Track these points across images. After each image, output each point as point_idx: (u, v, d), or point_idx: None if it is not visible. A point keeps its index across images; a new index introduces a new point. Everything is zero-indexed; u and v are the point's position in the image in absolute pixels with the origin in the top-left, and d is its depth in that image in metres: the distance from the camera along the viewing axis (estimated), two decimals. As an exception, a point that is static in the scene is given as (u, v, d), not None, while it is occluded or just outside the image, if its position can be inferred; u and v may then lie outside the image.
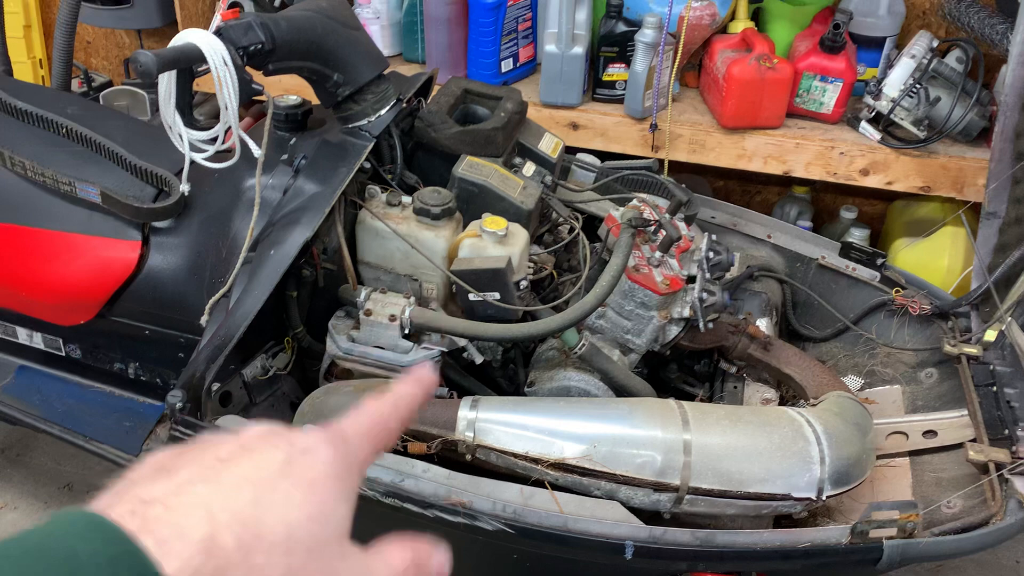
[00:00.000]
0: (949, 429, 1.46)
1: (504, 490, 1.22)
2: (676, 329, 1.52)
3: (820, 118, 2.19)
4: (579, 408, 1.32)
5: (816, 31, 2.18)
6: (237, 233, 1.44)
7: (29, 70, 3.00)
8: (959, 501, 1.31)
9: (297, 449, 0.41)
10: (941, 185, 2.09)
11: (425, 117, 1.59)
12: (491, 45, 2.27)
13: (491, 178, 1.52)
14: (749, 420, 1.29)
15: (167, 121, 1.31)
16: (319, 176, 1.41)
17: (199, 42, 1.19)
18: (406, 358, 1.39)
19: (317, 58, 1.37)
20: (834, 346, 1.78)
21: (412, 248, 1.43)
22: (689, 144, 2.20)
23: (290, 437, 0.42)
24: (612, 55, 2.22)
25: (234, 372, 1.43)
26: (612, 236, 1.50)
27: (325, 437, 0.43)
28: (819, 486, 1.24)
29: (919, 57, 2.02)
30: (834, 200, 2.67)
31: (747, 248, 1.87)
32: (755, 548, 1.18)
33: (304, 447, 0.41)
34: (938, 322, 1.65)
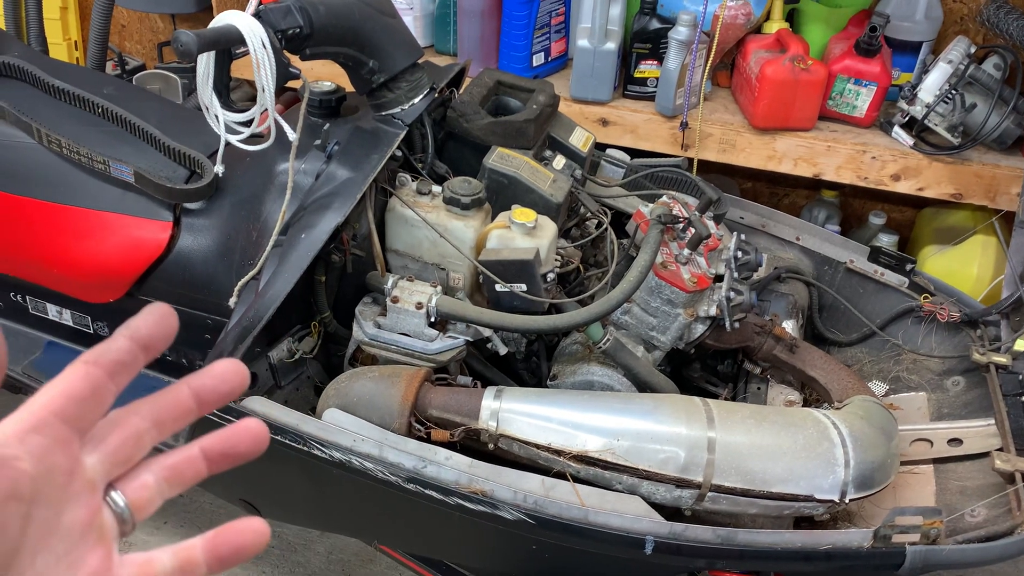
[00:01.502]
0: (975, 438, 1.45)
1: (525, 480, 1.22)
2: (702, 328, 1.51)
3: (853, 121, 2.17)
4: (603, 402, 1.31)
5: (851, 34, 2.17)
6: (268, 216, 1.45)
7: (64, 51, 3.03)
8: (983, 510, 1.30)
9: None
10: (973, 193, 2.07)
11: (457, 107, 1.59)
12: (523, 39, 2.27)
13: (521, 170, 1.52)
14: (774, 420, 1.28)
15: (204, 102, 1.32)
16: (351, 162, 1.42)
17: (239, 24, 1.20)
18: (431, 346, 1.40)
19: (354, 44, 1.38)
20: (859, 351, 1.77)
21: (440, 237, 1.44)
22: (719, 144, 2.19)
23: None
24: (644, 52, 2.21)
25: (261, 354, 1.44)
26: (640, 232, 1.50)
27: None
28: (842, 489, 1.23)
29: (956, 63, 2.00)
30: (863, 205, 2.65)
31: (775, 249, 1.86)
32: (776, 548, 1.17)
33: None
34: (967, 330, 1.63)
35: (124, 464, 0.44)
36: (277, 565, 1.96)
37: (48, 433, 0.41)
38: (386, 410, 1.28)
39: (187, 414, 0.46)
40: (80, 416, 0.42)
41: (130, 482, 0.45)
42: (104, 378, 0.43)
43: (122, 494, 0.44)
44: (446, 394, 1.32)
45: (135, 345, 0.44)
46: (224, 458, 0.47)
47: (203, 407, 0.46)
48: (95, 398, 0.42)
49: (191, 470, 0.47)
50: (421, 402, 1.30)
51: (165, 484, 0.46)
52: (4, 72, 1.72)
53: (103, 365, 0.43)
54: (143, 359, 0.45)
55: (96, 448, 0.43)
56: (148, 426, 0.45)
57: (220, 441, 0.47)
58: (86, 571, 0.41)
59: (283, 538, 2.03)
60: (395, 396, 1.29)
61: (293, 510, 1.63)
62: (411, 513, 1.32)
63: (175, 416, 0.46)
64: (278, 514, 1.67)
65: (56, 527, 0.40)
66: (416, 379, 1.32)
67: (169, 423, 0.46)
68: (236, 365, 0.47)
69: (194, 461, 0.47)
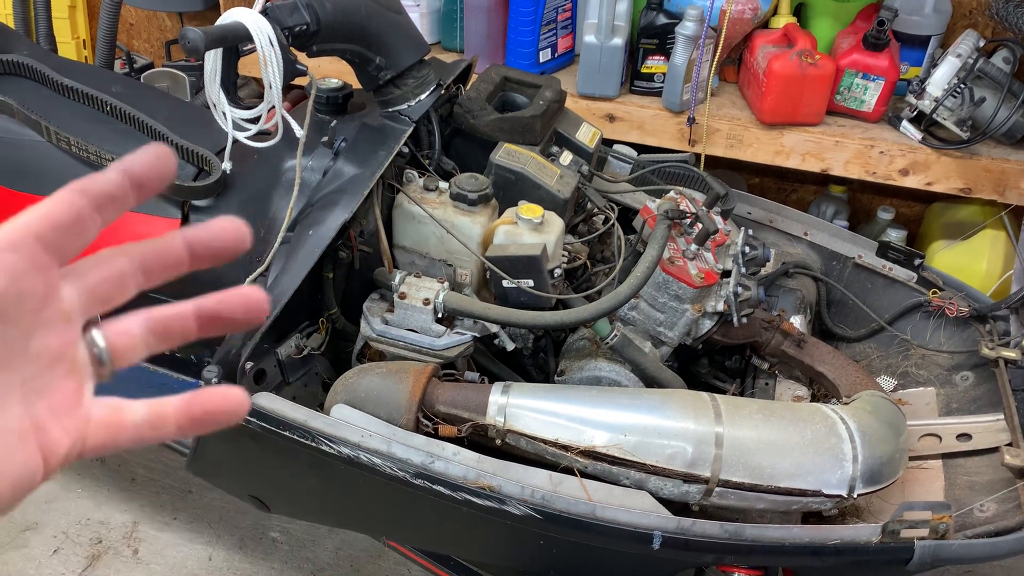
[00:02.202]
0: (984, 433, 1.44)
1: (533, 476, 1.22)
2: (709, 323, 1.51)
3: (861, 116, 2.16)
4: (610, 397, 1.31)
5: (859, 28, 2.16)
6: (276, 213, 1.45)
7: (73, 50, 3.04)
8: (993, 505, 1.29)
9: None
10: (982, 187, 2.06)
11: (464, 103, 1.60)
12: (530, 35, 2.27)
13: (528, 166, 1.52)
14: (782, 415, 1.28)
15: (211, 99, 1.32)
16: (358, 159, 1.42)
17: (246, 21, 1.20)
18: (439, 342, 1.40)
19: (360, 41, 1.38)
20: (868, 346, 1.76)
21: (447, 233, 1.44)
22: (726, 139, 2.19)
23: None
24: (651, 47, 2.21)
25: (269, 350, 1.44)
26: (647, 228, 1.50)
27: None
28: (851, 484, 1.23)
29: (964, 56, 1.99)
30: (871, 200, 2.64)
31: (783, 245, 1.86)
32: (784, 543, 1.17)
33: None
34: (976, 325, 1.62)
35: (104, 303, 0.43)
36: (286, 561, 1.97)
37: (24, 254, 0.39)
38: (394, 406, 1.29)
39: (177, 264, 0.44)
40: (60, 243, 0.40)
41: (115, 325, 0.44)
42: (89, 208, 0.41)
43: (103, 335, 0.43)
44: (453, 390, 1.33)
45: (126, 180, 0.42)
46: (216, 322, 0.45)
47: (195, 261, 0.44)
48: (77, 227, 0.40)
49: (180, 327, 0.45)
50: (428, 398, 1.31)
51: (151, 336, 0.44)
52: (13, 71, 1.73)
53: (90, 195, 0.41)
54: (134, 197, 0.42)
55: (75, 280, 0.42)
56: (134, 269, 0.43)
57: (215, 303, 0.45)
58: (52, 400, 0.41)
59: (292, 534, 2.04)
60: (403, 392, 1.29)
61: (302, 506, 1.63)
62: (419, 509, 1.32)
63: (164, 264, 0.44)
64: (287, 510, 1.68)
65: (22, 349, 0.40)
66: (423, 375, 1.32)
67: (157, 270, 0.44)
68: (235, 223, 0.44)
69: (185, 319, 0.45)
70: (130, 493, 2.13)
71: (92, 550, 1.97)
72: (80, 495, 2.11)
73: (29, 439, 0.40)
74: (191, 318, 0.45)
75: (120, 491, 2.13)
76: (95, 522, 2.04)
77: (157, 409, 0.44)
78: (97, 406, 0.43)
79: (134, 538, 2.01)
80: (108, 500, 2.10)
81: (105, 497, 2.11)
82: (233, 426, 0.47)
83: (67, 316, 0.41)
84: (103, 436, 0.43)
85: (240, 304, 0.45)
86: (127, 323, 0.44)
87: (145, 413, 0.44)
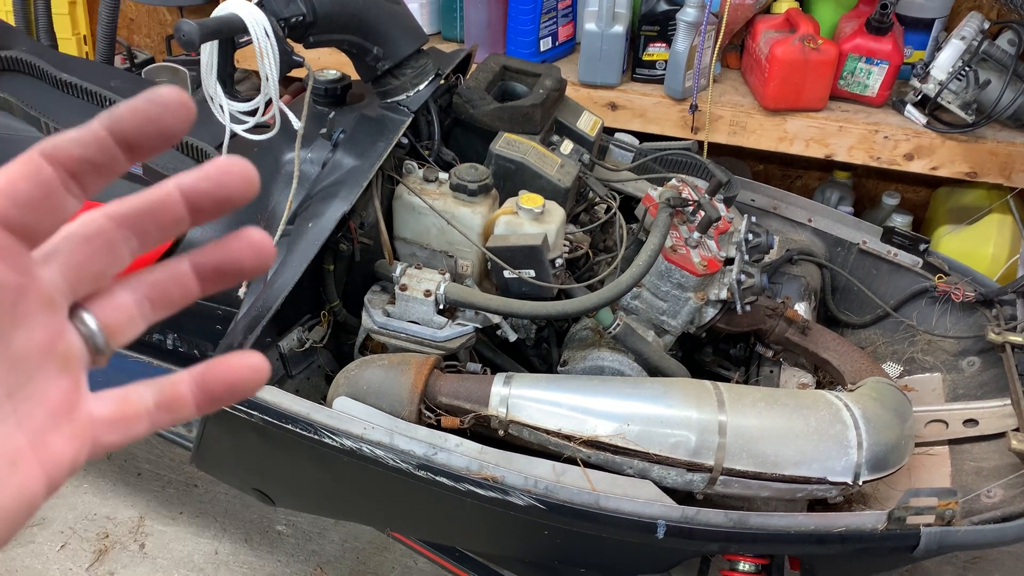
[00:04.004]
0: (991, 418, 1.43)
1: (536, 466, 1.21)
2: (713, 311, 1.50)
3: (864, 101, 2.15)
4: (613, 387, 1.31)
5: (862, 12, 2.14)
6: (276, 206, 1.45)
7: (73, 46, 3.04)
8: (1000, 491, 1.29)
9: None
10: (988, 171, 2.04)
11: (463, 93, 1.59)
12: (530, 23, 2.26)
13: (528, 155, 1.51)
14: (786, 403, 1.27)
15: (208, 92, 1.31)
16: (357, 150, 1.42)
17: (241, 12, 1.20)
18: (441, 333, 1.39)
19: (357, 31, 1.37)
20: (873, 333, 1.75)
21: (448, 224, 1.43)
22: (729, 126, 2.17)
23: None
24: (653, 34, 2.19)
25: (271, 344, 1.44)
26: (649, 216, 1.49)
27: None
28: (856, 471, 1.22)
29: (969, 39, 1.97)
30: (876, 186, 2.62)
31: (787, 231, 1.85)
32: (789, 531, 1.16)
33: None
34: (982, 310, 1.61)
35: (94, 280, 0.37)
36: (292, 554, 1.97)
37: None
38: (396, 398, 1.28)
39: (177, 222, 0.37)
40: (27, 222, 0.33)
41: (103, 302, 0.37)
42: (61, 177, 0.34)
43: (93, 315, 0.37)
44: (456, 381, 1.32)
45: (112, 138, 0.34)
46: (220, 274, 0.39)
47: (197, 214, 0.37)
48: (47, 201, 0.34)
49: (179, 289, 0.39)
50: (431, 389, 1.30)
51: (148, 305, 0.38)
52: (13, 67, 1.73)
53: (61, 160, 0.34)
54: (124, 160, 0.35)
55: (55, 259, 0.35)
56: (125, 234, 0.36)
57: (216, 253, 0.39)
58: (47, 406, 0.35)
59: (297, 527, 2.04)
60: (405, 384, 1.29)
61: (306, 499, 1.63)
62: (422, 500, 1.32)
63: (160, 223, 0.37)
64: (292, 503, 1.68)
65: (4, 355, 0.34)
66: (426, 367, 1.31)
67: (153, 231, 0.37)
68: (239, 162, 0.37)
69: (182, 278, 0.39)
70: (136, 488, 2.13)
71: (99, 545, 1.98)
72: (86, 490, 2.12)
73: (25, 460, 0.34)
74: (190, 276, 0.39)
75: (126, 486, 2.14)
76: (101, 517, 2.05)
77: (169, 390, 0.39)
78: (99, 402, 0.37)
79: (140, 533, 2.01)
80: (114, 495, 2.11)
81: (111, 492, 2.12)
82: (242, 413, 0.43)
83: (50, 303, 0.35)
84: (116, 434, 0.38)
85: (247, 247, 0.39)
86: (118, 297, 0.38)
87: (156, 397, 0.39)
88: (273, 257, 0.39)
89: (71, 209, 0.35)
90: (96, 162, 0.34)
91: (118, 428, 0.38)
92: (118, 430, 0.38)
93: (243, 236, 0.39)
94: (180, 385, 0.39)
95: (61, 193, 0.34)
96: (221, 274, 0.39)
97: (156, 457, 2.22)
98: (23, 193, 0.33)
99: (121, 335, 0.38)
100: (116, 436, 0.38)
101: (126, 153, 0.34)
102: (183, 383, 0.39)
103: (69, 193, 0.34)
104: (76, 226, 0.36)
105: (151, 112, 0.34)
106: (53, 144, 0.34)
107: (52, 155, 0.34)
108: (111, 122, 0.34)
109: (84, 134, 0.34)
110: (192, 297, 0.39)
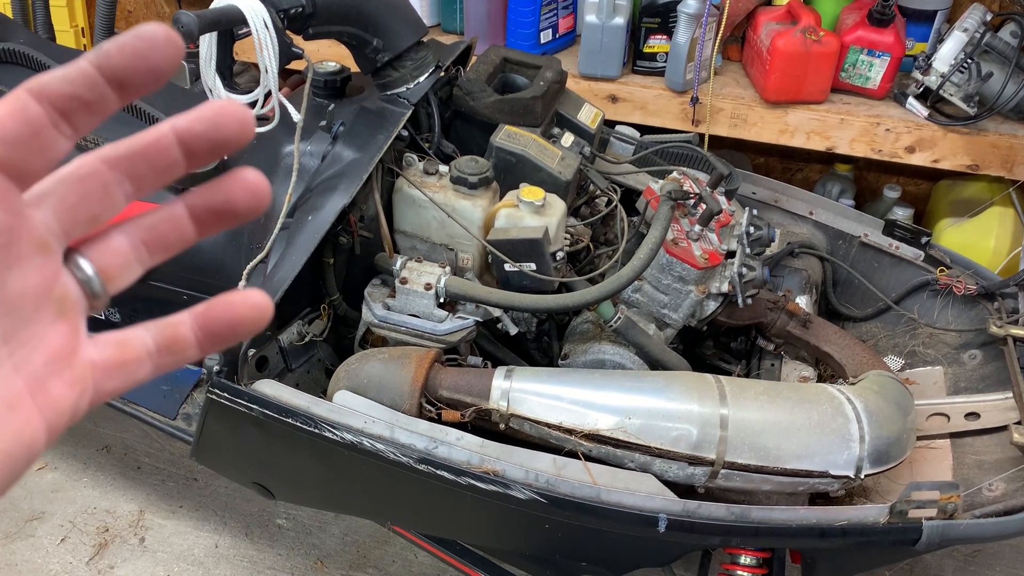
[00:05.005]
0: (993, 411, 1.43)
1: (537, 460, 1.21)
2: (714, 304, 1.50)
3: (866, 93, 2.14)
4: (614, 380, 1.30)
5: (864, 4, 2.13)
6: (275, 199, 1.44)
7: (72, 39, 3.02)
8: (1001, 484, 1.28)
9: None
10: (990, 164, 2.03)
11: (463, 85, 1.58)
12: (531, 15, 2.25)
13: (529, 148, 1.50)
14: (788, 396, 1.27)
15: (207, 84, 1.31)
16: (357, 143, 1.41)
17: (240, 3, 1.19)
18: (441, 327, 1.39)
19: (357, 23, 1.36)
20: (874, 326, 1.75)
21: (448, 217, 1.42)
22: (730, 118, 2.16)
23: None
24: (654, 26, 2.18)
25: (271, 338, 1.43)
26: (651, 209, 1.48)
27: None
28: (858, 464, 1.22)
29: (971, 31, 1.96)
30: (877, 179, 2.62)
31: (788, 224, 1.84)
32: (791, 525, 1.16)
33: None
34: (984, 303, 1.61)
35: (88, 223, 0.36)
36: (292, 547, 1.97)
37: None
38: (396, 391, 1.28)
39: (171, 166, 0.36)
40: (16, 161, 0.33)
41: (98, 246, 0.37)
42: (49, 114, 0.33)
43: (89, 260, 0.36)
44: (456, 375, 1.32)
45: (100, 74, 0.33)
46: (215, 216, 0.38)
47: (192, 158, 0.36)
48: (36, 140, 0.33)
49: (175, 232, 0.38)
50: (431, 383, 1.30)
51: (143, 249, 0.38)
52: (10, 59, 1.72)
53: (48, 97, 0.33)
54: (115, 98, 0.34)
55: (47, 201, 0.34)
56: (119, 176, 0.35)
57: (209, 194, 0.38)
58: (45, 351, 0.35)
59: (298, 520, 2.04)
60: (405, 377, 1.29)
61: (307, 493, 1.63)
62: (423, 494, 1.31)
63: (155, 166, 0.36)
64: (292, 497, 1.68)
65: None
66: (426, 360, 1.31)
67: (148, 176, 0.36)
68: (236, 106, 0.36)
69: (178, 220, 0.38)
70: (136, 482, 2.13)
71: (99, 539, 1.98)
72: (86, 484, 2.12)
73: (23, 404, 0.34)
74: (184, 219, 0.38)
75: (126, 480, 2.13)
76: (101, 511, 2.05)
77: (169, 332, 0.38)
78: (98, 346, 0.37)
79: (140, 526, 2.01)
80: (114, 489, 2.11)
81: (111, 486, 2.11)
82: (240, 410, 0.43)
83: (44, 245, 0.34)
84: (117, 379, 0.37)
85: (242, 188, 0.37)
86: (113, 240, 0.37)
87: (156, 338, 0.38)
88: (269, 198, 0.38)
89: (62, 149, 0.34)
90: (85, 99, 0.33)
91: (119, 373, 0.37)
92: (119, 375, 0.37)
93: (238, 176, 0.37)
94: (181, 327, 0.38)
95: (50, 131, 0.33)
96: (217, 216, 0.38)
97: (156, 451, 2.21)
98: (10, 132, 0.32)
99: (118, 280, 0.38)
100: (117, 382, 0.37)
101: (116, 91, 0.33)
102: (184, 324, 0.38)
103: (59, 132, 0.33)
104: (69, 168, 0.35)
105: (139, 47, 0.33)
106: (40, 82, 0.33)
107: (40, 92, 0.33)
108: (99, 58, 0.33)
109: (71, 71, 0.33)
110: (188, 240, 0.38)
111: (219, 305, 0.38)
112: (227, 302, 0.38)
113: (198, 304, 0.38)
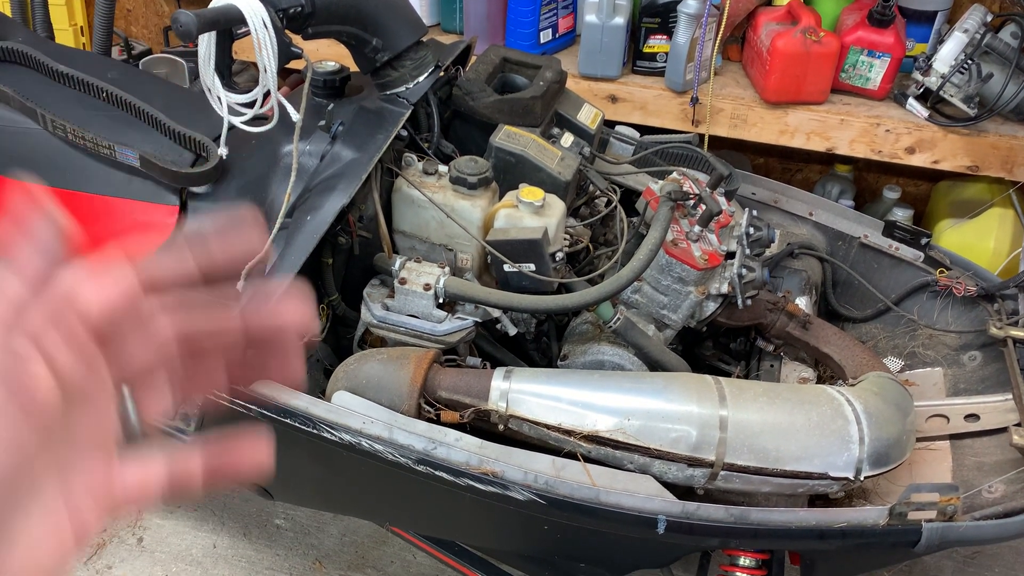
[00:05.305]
0: (992, 413, 1.43)
1: (536, 461, 1.21)
2: (713, 305, 1.50)
3: (866, 94, 2.14)
4: (613, 381, 1.30)
5: (864, 4, 2.13)
6: (274, 199, 1.44)
7: (70, 37, 3.02)
8: (1001, 486, 1.28)
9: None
10: (990, 165, 2.03)
11: (463, 85, 1.57)
12: (530, 15, 2.25)
13: (528, 148, 1.50)
14: (787, 397, 1.26)
15: (206, 83, 1.30)
16: (356, 143, 1.41)
17: (240, 3, 1.18)
18: (440, 327, 1.39)
19: (356, 22, 1.36)
20: (874, 327, 1.75)
21: (448, 217, 1.42)
22: (730, 119, 2.16)
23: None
24: (654, 26, 2.18)
25: (269, 338, 1.43)
26: (650, 210, 1.48)
27: None
28: (857, 466, 1.22)
29: (972, 32, 1.96)
30: (877, 180, 2.62)
31: (788, 225, 1.84)
32: (790, 526, 1.16)
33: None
34: (984, 304, 1.60)
35: (144, 374, 0.40)
36: (290, 548, 1.97)
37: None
38: (395, 392, 1.28)
39: (229, 349, 0.42)
40: (115, 336, 0.38)
41: (143, 388, 0.41)
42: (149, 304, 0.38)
43: (134, 405, 0.41)
44: (455, 375, 1.31)
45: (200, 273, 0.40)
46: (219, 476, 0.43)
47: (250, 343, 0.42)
48: (137, 320, 0.38)
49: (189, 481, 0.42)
50: (430, 384, 1.30)
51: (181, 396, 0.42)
52: (9, 58, 1.72)
53: (154, 289, 0.38)
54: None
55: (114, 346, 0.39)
56: (182, 352, 0.40)
57: (221, 456, 0.42)
58: (87, 478, 0.38)
59: (296, 521, 2.03)
60: (404, 378, 1.28)
61: (305, 493, 1.63)
62: (422, 495, 1.31)
63: (216, 344, 0.42)
64: (291, 497, 1.68)
65: (68, 438, 0.37)
66: (425, 361, 1.31)
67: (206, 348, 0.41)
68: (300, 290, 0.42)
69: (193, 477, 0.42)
70: (135, 481, 2.13)
71: (97, 539, 1.97)
72: (85, 484, 2.12)
73: (63, 527, 0.37)
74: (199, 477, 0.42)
75: (125, 479, 2.13)
76: (100, 510, 2.05)
77: (182, 467, 0.41)
78: (125, 481, 0.40)
79: (138, 526, 2.01)
80: (113, 488, 2.11)
81: (110, 485, 2.11)
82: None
83: (110, 395, 0.39)
84: (131, 507, 0.41)
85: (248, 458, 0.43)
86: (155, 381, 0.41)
87: (171, 478, 0.41)
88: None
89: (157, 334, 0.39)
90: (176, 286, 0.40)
91: (135, 507, 0.41)
92: (134, 508, 0.41)
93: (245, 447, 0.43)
94: (192, 465, 0.41)
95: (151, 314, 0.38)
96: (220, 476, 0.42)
97: (154, 450, 2.21)
98: (118, 313, 0.38)
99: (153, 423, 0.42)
100: (131, 511, 0.44)
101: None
102: (196, 466, 0.41)
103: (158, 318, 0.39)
104: (141, 328, 0.39)
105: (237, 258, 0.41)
106: (152, 273, 0.39)
107: (151, 285, 0.39)
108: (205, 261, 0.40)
109: (180, 267, 0.40)
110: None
111: (231, 456, 0.42)
112: (239, 454, 0.42)
113: (211, 447, 0.42)
